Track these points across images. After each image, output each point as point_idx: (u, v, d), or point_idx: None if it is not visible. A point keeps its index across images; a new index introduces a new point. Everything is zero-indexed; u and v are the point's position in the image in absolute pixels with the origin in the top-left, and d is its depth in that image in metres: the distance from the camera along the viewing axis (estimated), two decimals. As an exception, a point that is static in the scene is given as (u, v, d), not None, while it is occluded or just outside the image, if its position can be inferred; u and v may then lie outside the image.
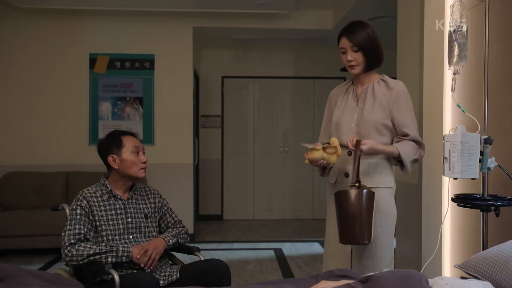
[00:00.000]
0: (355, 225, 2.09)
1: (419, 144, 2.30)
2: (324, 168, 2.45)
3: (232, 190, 7.30)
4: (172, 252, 2.67)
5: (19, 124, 5.63)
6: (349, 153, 2.33)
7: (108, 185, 2.50)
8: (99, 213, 2.41)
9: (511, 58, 2.52)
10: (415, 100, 3.36)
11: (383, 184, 2.26)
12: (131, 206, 2.52)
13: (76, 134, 5.69)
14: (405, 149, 2.24)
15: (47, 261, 4.77)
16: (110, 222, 2.43)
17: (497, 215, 2.32)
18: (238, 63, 7.30)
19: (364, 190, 2.13)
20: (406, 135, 2.27)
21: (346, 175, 2.32)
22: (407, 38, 3.64)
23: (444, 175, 2.39)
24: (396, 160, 2.28)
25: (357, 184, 2.14)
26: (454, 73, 2.49)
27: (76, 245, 2.28)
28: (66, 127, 5.69)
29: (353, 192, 2.12)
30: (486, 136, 2.34)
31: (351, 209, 2.10)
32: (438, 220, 3.07)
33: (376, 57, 2.31)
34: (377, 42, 2.30)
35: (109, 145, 2.51)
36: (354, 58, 2.30)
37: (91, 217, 2.39)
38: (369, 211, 2.11)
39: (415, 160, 2.31)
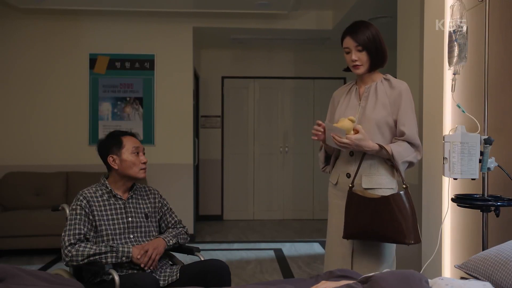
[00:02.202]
0: (416, 225, 2.13)
1: (415, 146, 2.25)
2: (328, 159, 2.47)
3: (232, 190, 7.30)
4: (172, 253, 2.67)
5: (19, 124, 5.63)
6: (351, 154, 2.33)
7: (108, 185, 2.50)
8: (99, 213, 2.41)
9: (511, 58, 2.52)
10: (415, 100, 3.36)
11: (385, 185, 2.25)
12: (131, 205, 2.52)
13: (76, 134, 5.69)
14: (398, 150, 2.21)
15: (47, 261, 4.77)
16: (111, 222, 2.43)
17: (497, 215, 2.32)
18: (238, 63, 7.30)
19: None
20: (402, 134, 2.25)
21: (348, 175, 2.32)
22: (407, 38, 3.64)
23: (444, 175, 2.39)
24: (390, 161, 2.26)
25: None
26: (454, 74, 2.49)
27: (76, 245, 2.28)
28: (66, 127, 5.69)
29: (406, 194, 2.14)
30: (486, 137, 2.34)
31: (412, 210, 2.12)
32: (438, 220, 3.07)
33: (380, 57, 2.31)
34: (381, 42, 2.30)
35: (109, 145, 2.51)
36: (359, 57, 2.29)
37: (91, 217, 2.39)
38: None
39: (410, 163, 2.26)
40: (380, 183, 2.26)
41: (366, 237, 2.22)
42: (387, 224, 2.12)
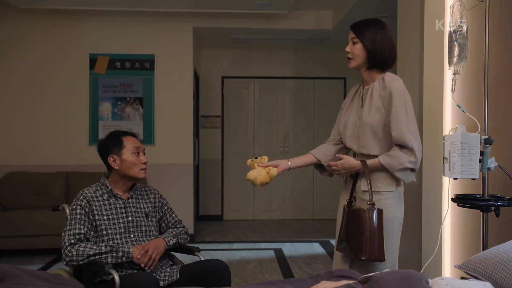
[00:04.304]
0: (374, 242, 2.12)
1: (408, 149, 2.14)
2: (320, 167, 2.47)
3: (232, 190, 7.30)
4: (172, 252, 2.67)
5: (19, 124, 5.63)
6: (353, 156, 2.34)
7: (108, 185, 2.50)
8: (99, 213, 2.41)
9: (511, 58, 2.52)
10: (415, 100, 3.36)
11: (383, 188, 2.23)
12: (131, 205, 2.52)
13: (76, 134, 5.69)
14: (387, 161, 2.16)
15: (47, 261, 4.77)
16: (111, 222, 2.43)
17: (497, 215, 2.32)
18: (238, 63, 7.30)
19: (377, 208, 2.16)
20: (392, 137, 2.20)
21: (351, 176, 2.33)
22: (407, 38, 3.64)
23: (444, 175, 2.39)
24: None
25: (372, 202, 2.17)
26: (454, 73, 2.50)
27: (76, 245, 2.28)
28: (66, 127, 5.69)
29: (370, 210, 2.14)
30: (486, 136, 2.34)
31: (371, 226, 2.12)
32: (438, 220, 3.07)
33: (379, 58, 2.24)
34: (383, 42, 2.23)
35: (109, 145, 2.51)
36: (351, 50, 2.28)
37: (91, 217, 2.39)
38: (381, 228, 2.15)
39: (410, 169, 2.19)
40: (377, 185, 2.24)
41: (343, 250, 2.29)
42: (350, 237, 2.19)
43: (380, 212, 2.15)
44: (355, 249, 2.16)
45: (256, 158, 2.36)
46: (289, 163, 2.43)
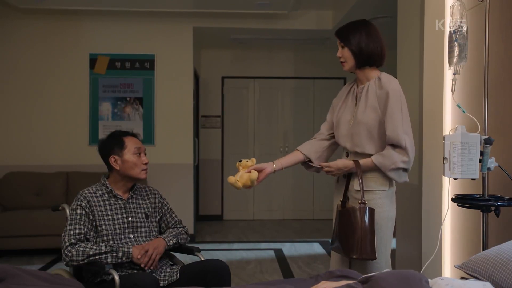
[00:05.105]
0: (365, 241, 2.13)
1: (401, 148, 2.15)
2: (307, 164, 2.48)
3: (232, 190, 7.27)
4: (172, 253, 2.67)
5: (19, 124, 5.63)
6: (347, 154, 2.34)
7: (108, 185, 2.50)
8: (99, 213, 2.41)
9: (511, 58, 2.52)
10: (415, 100, 3.36)
11: (375, 187, 2.24)
12: (131, 205, 2.52)
13: (76, 134, 5.69)
14: (380, 160, 2.17)
15: (47, 261, 4.77)
16: (111, 222, 2.43)
17: (497, 215, 2.32)
18: (238, 63, 7.30)
19: (369, 208, 2.16)
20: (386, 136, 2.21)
21: (344, 176, 2.33)
22: (407, 38, 3.64)
23: (444, 175, 2.39)
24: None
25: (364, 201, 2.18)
26: (454, 73, 2.50)
27: (77, 245, 2.28)
28: (66, 127, 5.69)
29: (362, 209, 2.15)
30: (486, 137, 2.34)
31: (362, 225, 2.14)
32: (438, 220, 3.07)
33: (366, 56, 2.26)
34: (369, 41, 2.25)
35: (110, 145, 2.50)
36: (342, 54, 2.32)
37: (91, 217, 2.39)
38: (373, 227, 2.16)
39: (402, 169, 2.19)
40: (370, 185, 2.24)
41: (335, 249, 2.30)
42: (340, 236, 2.22)
43: (372, 211, 2.16)
44: (346, 247, 2.17)
45: (240, 161, 2.33)
46: (274, 165, 2.38)
